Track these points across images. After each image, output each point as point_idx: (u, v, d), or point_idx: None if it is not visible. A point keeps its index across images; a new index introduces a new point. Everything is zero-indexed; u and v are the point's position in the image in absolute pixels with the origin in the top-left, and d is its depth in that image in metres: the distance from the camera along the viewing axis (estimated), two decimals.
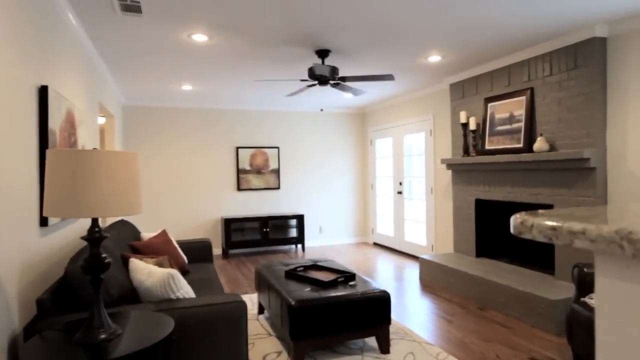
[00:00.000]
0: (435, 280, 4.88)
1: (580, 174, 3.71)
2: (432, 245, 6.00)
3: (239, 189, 7.07)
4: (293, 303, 2.84)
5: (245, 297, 4.51)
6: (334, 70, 3.89)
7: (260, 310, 3.91)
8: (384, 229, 7.37)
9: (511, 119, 4.36)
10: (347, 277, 3.28)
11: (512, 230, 0.69)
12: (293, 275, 3.38)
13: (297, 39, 3.64)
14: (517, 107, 4.30)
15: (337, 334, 2.92)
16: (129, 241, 3.44)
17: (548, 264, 4.21)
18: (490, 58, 4.44)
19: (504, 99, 4.45)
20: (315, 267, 3.67)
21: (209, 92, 5.97)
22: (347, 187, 7.80)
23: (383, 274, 5.51)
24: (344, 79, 3.98)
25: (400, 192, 6.78)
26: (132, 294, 2.36)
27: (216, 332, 2.11)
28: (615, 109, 3.54)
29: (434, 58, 4.32)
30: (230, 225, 6.67)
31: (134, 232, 3.77)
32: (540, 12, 3.16)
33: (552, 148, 3.95)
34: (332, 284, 3.15)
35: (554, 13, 3.20)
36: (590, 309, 2.73)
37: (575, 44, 3.70)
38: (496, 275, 4.16)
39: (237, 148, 7.05)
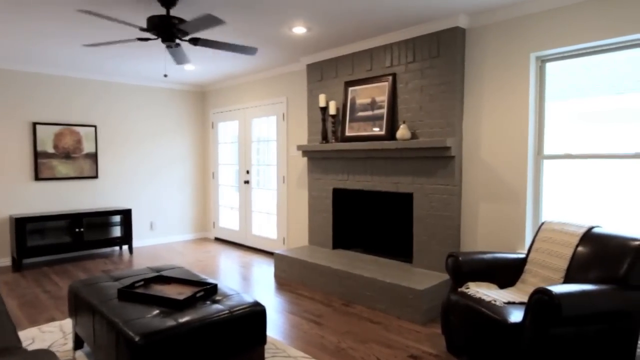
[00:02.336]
0: (293, 277, 4.48)
1: (440, 163, 3.75)
2: (284, 239, 5.60)
3: (37, 178, 5.38)
4: (137, 339, 1.99)
5: (54, 327, 3.28)
6: (182, 23, 3.03)
7: (78, 344, 2.83)
8: (228, 222, 6.67)
9: (373, 105, 4.21)
10: (208, 290, 2.54)
11: None
12: (131, 294, 2.47)
13: None
14: (379, 92, 4.17)
15: None
16: None
17: (405, 252, 4.23)
18: (352, 39, 4.19)
19: (366, 84, 4.28)
20: (161, 279, 2.81)
21: None
22: (184, 176, 6.80)
23: (231, 274, 4.85)
24: (195, 39, 3.14)
25: (247, 182, 6.18)
26: None
27: None
28: (471, 100, 3.66)
29: (299, 30, 3.84)
30: (25, 226, 5.01)
31: None
32: None
33: (414, 136, 3.92)
34: (189, 303, 2.38)
35: None
36: (469, 298, 2.66)
37: (439, 32, 3.70)
38: (359, 268, 3.97)
39: (35, 124, 5.34)
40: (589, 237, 2.65)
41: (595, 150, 3.12)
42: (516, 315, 2.36)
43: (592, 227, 2.70)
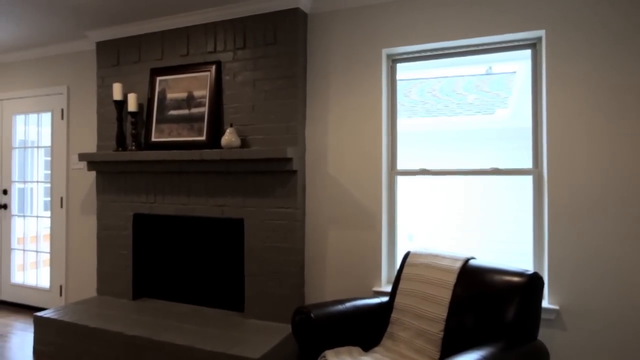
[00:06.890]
0: (67, 352, 2.97)
1: (279, 179, 2.90)
2: (62, 287, 3.94)
3: None
4: None
5: None
6: None
7: None
8: None
9: (190, 102, 3.13)
10: None
11: None
12: None
13: None
14: (198, 85, 3.11)
15: None
16: None
17: (235, 297, 3.20)
18: (161, 11, 3.07)
19: (181, 73, 3.18)
20: None
21: None
22: None
23: None
24: None
25: (4, 206, 4.27)
26: None
27: None
28: (316, 101, 2.93)
29: None
30: None
31: None
32: None
33: (245, 144, 2.99)
34: None
35: None
36: None
37: (275, 12, 2.89)
38: (169, 329, 2.78)
39: None
40: (467, 273, 2.11)
41: (450, 166, 2.71)
42: None
43: (468, 259, 2.18)
